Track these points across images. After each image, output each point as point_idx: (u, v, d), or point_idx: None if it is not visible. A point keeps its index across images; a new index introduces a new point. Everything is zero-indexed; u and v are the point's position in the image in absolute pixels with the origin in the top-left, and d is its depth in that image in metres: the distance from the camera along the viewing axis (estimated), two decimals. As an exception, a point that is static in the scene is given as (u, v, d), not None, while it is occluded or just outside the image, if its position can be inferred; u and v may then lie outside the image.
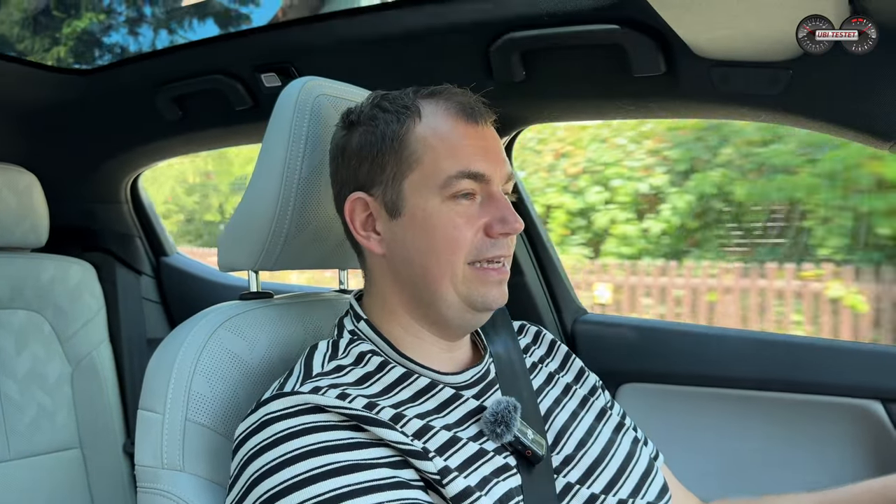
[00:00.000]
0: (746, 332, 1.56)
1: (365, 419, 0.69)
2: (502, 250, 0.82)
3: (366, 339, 0.84)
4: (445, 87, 0.85)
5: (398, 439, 0.69)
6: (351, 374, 0.78)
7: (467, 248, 0.79)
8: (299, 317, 0.98)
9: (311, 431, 0.69)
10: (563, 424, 0.88)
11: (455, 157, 0.79)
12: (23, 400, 1.65)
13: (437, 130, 0.81)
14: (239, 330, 0.89)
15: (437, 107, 0.82)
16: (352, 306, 0.88)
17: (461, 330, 0.86)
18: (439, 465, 0.69)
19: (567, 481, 0.81)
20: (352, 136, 0.84)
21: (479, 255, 0.80)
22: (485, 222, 0.80)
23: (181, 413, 0.82)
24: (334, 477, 0.65)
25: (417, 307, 0.84)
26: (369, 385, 0.78)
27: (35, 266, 1.71)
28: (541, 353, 1.01)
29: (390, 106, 0.83)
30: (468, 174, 0.79)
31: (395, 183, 0.80)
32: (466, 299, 0.81)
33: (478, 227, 0.80)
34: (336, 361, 0.80)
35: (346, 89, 0.98)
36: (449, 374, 0.83)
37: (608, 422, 0.93)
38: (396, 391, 0.78)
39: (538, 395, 0.90)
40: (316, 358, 0.80)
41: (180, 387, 0.82)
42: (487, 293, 0.82)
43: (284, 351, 0.92)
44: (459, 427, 0.77)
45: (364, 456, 0.68)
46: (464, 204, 0.80)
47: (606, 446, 0.89)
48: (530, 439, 0.78)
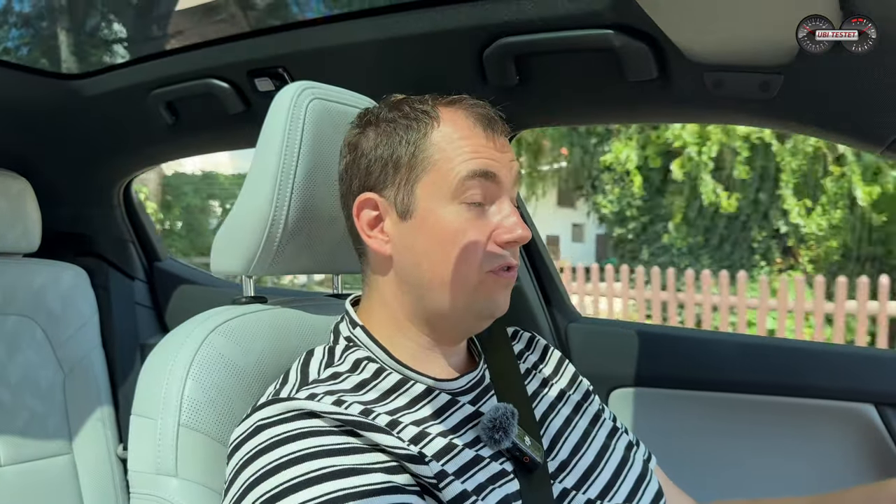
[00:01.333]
0: (739, 336, 1.56)
1: (359, 424, 0.69)
2: (512, 259, 0.82)
3: (361, 345, 0.84)
4: (463, 96, 0.86)
5: (394, 443, 0.69)
6: (347, 381, 0.78)
7: (480, 257, 0.80)
8: (293, 322, 0.98)
9: (305, 436, 0.68)
10: (557, 430, 0.88)
11: (469, 160, 0.80)
12: (15, 405, 1.64)
13: (454, 136, 0.82)
14: (233, 335, 0.89)
15: (455, 114, 0.83)
16: (347, 312, 0.88)
17: (462, 335, 0.87)
18: (436, 469, 0.69)
19: (563, 487, 0.81)
20: (366, 136, 0.85)
21: (491, 265, 0.81)
22: (493, 231, 0.81)
23: (175, 418, 0.81)
24: (328, 481, 0.65)
25: (419, 311, 0.84)
26: (365, 392, 0.78)
27: (27, 271, 1.70)
28: (534, 358, 1.01)
29: (410, 111, 0.83)
30: (481, 173, 0.80)
31: (408, 185, 0.81)
32: (472, 306, 0.81)
33: (487, 236, 0.81)
34: (332, 368, 0.80)
35: (341, 94, 0.98)
36: (445, 380, 0.83)
37: (602, 427, 0.93)
38: (392, 398, 0.78)
39: (532, 400, 0.91)
40: (312, 365, 0.80)
41: (174, 392, 0.82)
42: (495, 300, 0.82)
43: (278, 356, 0.92)
44: (455, 433, 0.77)
45: (358, 461, 0.68)
46: (474, 210, 0.80)
47: (601, 451, 0.89)
48: (528, 445, 0.79)
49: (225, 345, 0.87)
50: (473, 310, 0.82)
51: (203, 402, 0.83)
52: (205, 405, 0.83)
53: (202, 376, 0.84)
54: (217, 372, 0.85)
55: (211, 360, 0.85)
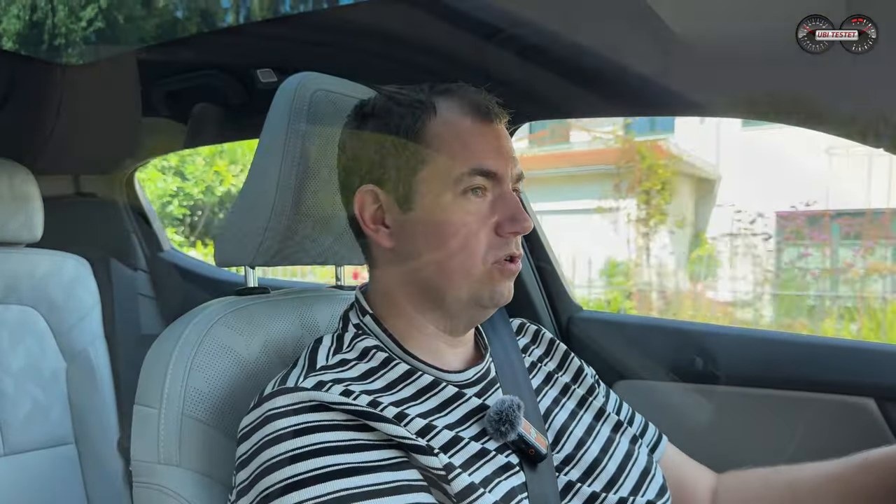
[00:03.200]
0: (741, 330, 1.56)
1: (369, 415, 0.69)
2: (514, 249, 0.82)
3: (371, 333, 0.84)
4: (460, 84, 0.85)
5: (402, 434, 0.69)
6: (355, 369, 0.78)
7: (483, 249, 0.80)
8: (296, 312, 0.98)
9: (313, 430, 0.69)
10: (562, 424, 0.89)
11: (469, 154, 0.79)
12: (17, 395, 1.64)
13: (451, 127, 0.81)
14: (235, 325, 0.89)
15: (451, 103, 0.82)
16: (357, 300, 0.88)
17: (467, 325, 0.87)
18: (444, 461, 0.69)
19: (568, 479, 0.81)
20: (364, 128, 0.84)
21: (495, 256, 0.80)
22: (496, 221, 0.80)
23: (177, 408, 0.82)
24: (334, 479, 0.65)
25: (423, 301, 0.84)
26: (372, 381, 0.78)
27: (29, 261, 1.70)
28: (539, 352, 1.01)
29: (404, 100, 0.82)
30: (481, 171, 0.79)
31: (408, 177, 0.80)
32: (476, 295, 0.81)
33: (489, 226, 0.80)
34: (340, 355, 0.80)
35: (344, 85, 0.98)
36: (452, 371, 0.83)
37: (607, 422, 0.93)
38: (399, 388, 0.78)
39: (537, 394, 0.91)
40: (320, 352, 0.80)
41: (177, 382, 0.82)
42: (499, 289, 0.82)
43: (281, 346, 0.92)
44: (461, 426, 0.78)
45: (365, 459, 0.68)
46: (475, 201, 0.80)
47: (605, 445, 0.89)
48: (533, 437, 0.79)
49: (227, 335, 0.87)
50: (477, 300, 0.81)
51: (206, 392, 0.83)
52: (207, 395, 0.83)
53: (205, 366, 0.84)
54: (220, 362, 0.85)
55: (213, 351, 0.85)
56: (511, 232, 0.80)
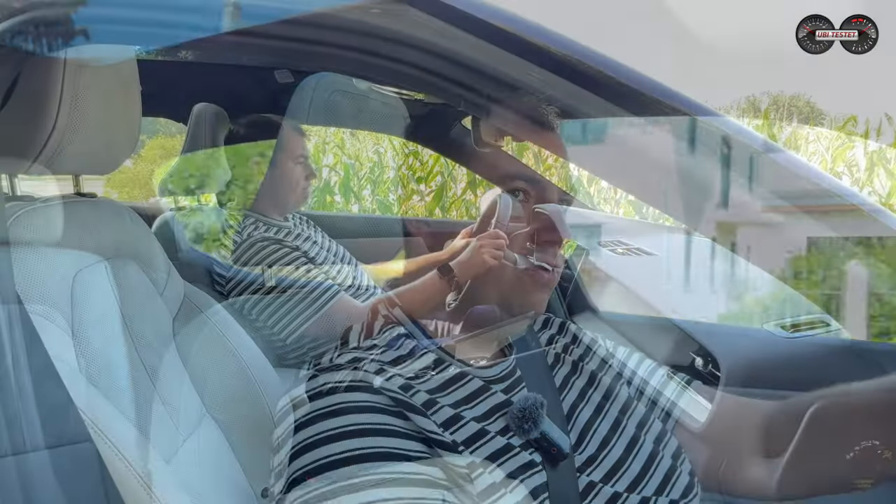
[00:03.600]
0: (743, 328, 1.55)
1: (409, 406, 0.70)
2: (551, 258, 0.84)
3: (399, 323, 0.85)
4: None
5: (431, 428, 0.70)
6: (385, 355, 0.79)
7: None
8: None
9: (357, 411, 0.70)
10: (587, 421, 0.89)
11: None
12: (37, 393, 1.66)
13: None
14: None
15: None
16: (387, 293, 0.89)
17: (497, 333, 0.87)
18: (468, 460, 0.70)
19: (590, 480, 0.81)
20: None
21: (526, 263, 0.82)
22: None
23: (198, 407, 0.82)
24: (368, 462, 0.66)
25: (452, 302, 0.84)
26: (402, 367, 0.79)
27: (48, 259, 1.72)
28: (566, 341, 1.01)
29: None
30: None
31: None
32: (507, 304, 0.82)
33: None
34: (371, 341, 0.81)
35: (362, 86, 0.98)
36: (479, 367, 0.84)
37: (632, 416, 0.93)
38: (427, 377, 0.79)
39: (564, 386, 0.91)
40: (352, 336, 0.82)
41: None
42: (530, 300, 0.83)
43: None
44: (487, 420, 0.78)
45: (399, 445, 0.69)
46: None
47: (630, 445, 0.89)
48: (556, 436, 0.79)
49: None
50: (508, 308, 0.82)
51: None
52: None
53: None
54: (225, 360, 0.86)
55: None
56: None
